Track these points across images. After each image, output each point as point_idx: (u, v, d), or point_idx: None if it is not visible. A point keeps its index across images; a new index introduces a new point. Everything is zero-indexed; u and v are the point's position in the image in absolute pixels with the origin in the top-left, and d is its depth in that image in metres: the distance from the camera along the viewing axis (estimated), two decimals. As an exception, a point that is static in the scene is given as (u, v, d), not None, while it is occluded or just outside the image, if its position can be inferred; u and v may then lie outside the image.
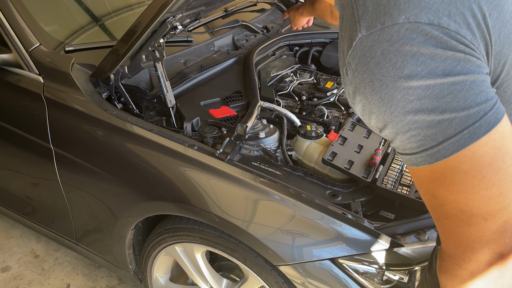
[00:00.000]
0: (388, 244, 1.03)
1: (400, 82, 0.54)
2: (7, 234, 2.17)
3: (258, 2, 2.45)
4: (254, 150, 1.29)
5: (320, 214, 1.08)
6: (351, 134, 1.39)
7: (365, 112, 0.60)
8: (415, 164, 0.59)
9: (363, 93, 0.58)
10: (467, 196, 0.55)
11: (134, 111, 1.41)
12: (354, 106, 0.63)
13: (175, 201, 1.23)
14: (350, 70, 0.59)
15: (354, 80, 0.59)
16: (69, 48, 1.53)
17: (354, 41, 0.57)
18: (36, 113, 1.43)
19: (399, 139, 0.58)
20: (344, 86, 0.63)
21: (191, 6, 1.39)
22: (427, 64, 0.53)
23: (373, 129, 0.63)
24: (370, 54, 0.56)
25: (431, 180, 0.59)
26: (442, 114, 0.54)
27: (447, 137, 0.54)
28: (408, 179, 1.22)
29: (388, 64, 0.54)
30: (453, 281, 0.62)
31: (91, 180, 1.40)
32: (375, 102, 0.57)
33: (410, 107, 0.55)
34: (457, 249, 0.60)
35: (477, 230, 0.57)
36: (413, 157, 0.58)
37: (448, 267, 0.63)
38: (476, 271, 0.58)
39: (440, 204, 0.59)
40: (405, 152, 0.60)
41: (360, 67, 0.57)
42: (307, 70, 1.92)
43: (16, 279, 1.93)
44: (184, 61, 1.73)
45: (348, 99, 0.64)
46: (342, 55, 0.62)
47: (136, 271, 1.61)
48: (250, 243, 1.15)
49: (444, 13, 0.53)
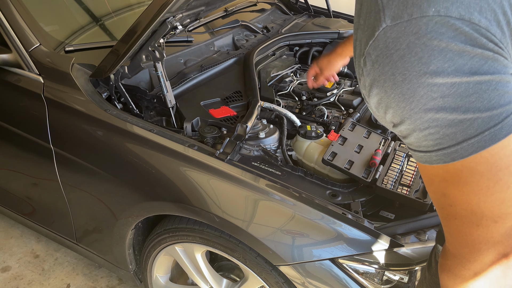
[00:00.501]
0: (388, 244, 1.03)
1: (424, 78, 0.52)
2: (7, 234, 2.17)
3: (258, 2, 2.45)
4: (254, 150, 1.29)
5: (320, 214, 1.08)
6: (351, 134, 1.39)
7: (381, 106, 0.58)
8: (428, 162, 0.57)
9: (382, 87, 0.56)
10: (480, 198, 0.55)
11: (134, 111, 1.41)
12: (369, 99, 0.60)
13: (175, 201, 1.23)
14: (369, 61, 0.56)
15: (373, 72, 0.56)
16: (69, 48, 1.53)
17: (377, 31, 0.54)
18: (36, 113, 1.43)
19: (414, 136, 0.57)
20: (359, 77, 0.60)
21: (191, 6, 1.39)
22: (454, 61, 0.51)
23: (385, 123, 0.61)
24: (394, 46, 0.53)
25: (443, 179, 0.57)
26: (464, 113, 0.52)
27: (467, 138, 0.53)
28: (408, 179, 1.22)
29: (414, 58, 0.52)
30: (455, 281, 0.62)
31: (91, 180, 1.40)
32: (394, 96, 0.55)
33: (432, 105, 0.53)
34: (462, 249, 0.59)
35: (485, 232, 0.56)
36: (427, 155, 0.57)
37: (451, 266, 0.62)
38: (480, 271, 0.58)
39: (450, 203, 0.58)
40: (419, 150, 0.58)
41: (382, 59, 0.54)
42: (307, 70, 1.92)
43: (16, 279, 1.93)
44: (184, 61, 1.73)
45: (362, 90, 0.61)
46: (359, 44, 0.59)
47: (136, 271, 1.61)
48: (250, 243, 1.15)
49: (476, 8, 0.51)
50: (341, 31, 2.09)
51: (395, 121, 0.58)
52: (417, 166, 0.64)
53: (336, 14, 2.51)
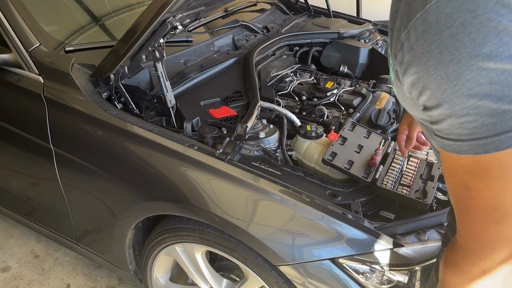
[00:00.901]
0: (388, 244, 1.04)
1: (475, 61, 0.48)
2: (7, 234, 2.17)
3: (258, 2, 2.45)
4: (254, 150, 1.29)
5: (320, 214, 1.08)
6: (351, 134, 1.39)
7: (417, 86, 0.54)
8: (455, 152, 0.54)
9: (424, 65, 0.51)
10: (506, 194, 0.52)
11: (134, 111, 1.41)
12: (404, 77, 0.56)
13: (175, 201, 1.23)
14: (414, 36, 0.52)
15: (416, 48, 0.52)
16: (69, 48, 1.53)
17: (429, 3, 0.50)
18: (36, 113, 1.43)
19: (448, 123, 0.53)
20: (396, 52, 0.56)
21: (191, 6, 1.39)
22: (510, 46, 0.47)
23: (415, 104, 0.57)
24: (446, 22, 0.49)
25: (469, 171, 0.54)
26: (510, 104, 0.49)
27: (507, 130, 0.49)
28: (408, 179, 1.22)
29: (467, 38, 0.48)
30: (460, 277, 0.60)
31: (91, 180, 1.40)
32: (437, 77, 0.51)
33: (477, 90, 0.49)
34: (475, 245, 0.57)
35: (503, 229, 0.54)
36: (457, 144, 0.53)
37: (459, 261, 0.61)
38: (488, 269, 0.57)
39: (471, 197, 0.55)
40: (448, 137, 0.54)
41: (429, 35, 0.50)
42: (307, 70, 1.92)
43: (16, 279, 1.93)
44: (184, 61, 1.73)
45: (394, 66, 0.57)
46: (401, 15, 0.55)
47: (136, 271, 1.61)
48: (250, 243, 1.15)
49: None
50: (341, 31, 2.09)
51: (430, 104, 0.54)
52: (439, 154, 0.60)
53: (336, 14, 2.52)
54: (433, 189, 1.17)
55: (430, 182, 1.19)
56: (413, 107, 0.59)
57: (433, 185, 1.18)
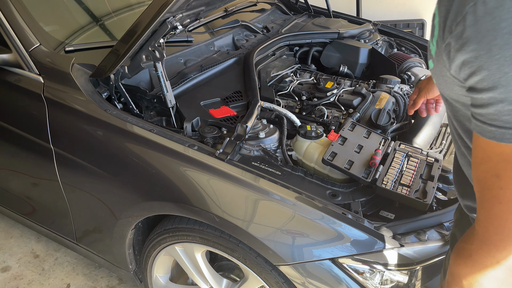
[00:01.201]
0: (388, 244, 1.04)
1: None
2: (7, 234, 2.17)
3: (258, 2, 2.45)
4: (254, 150, 1.29)
5: (320, 214, 1.08)
6: (351, 134, 1.39)
7: (471, 65, 0.50)
8: (496, 139, 0.52)
9: (486, 43, 0.48)
10: None
11: (134, 111, 1.41)
12: (457, 53, 0.52)
13: (175, 201, 1.23)
14: (482, 10, 0.47)
15: (482, 24, 0.48)
16: (69, 48, 1.53)
17: None
18: (36, 113, 1.43)
19: (498, 108, 0.50)
20: (453, 25, 0.52)
21: (191, 6, 1.39)
22: None
23: (455, 84, 0.54)
24: None
25: (505, 160, 0.53)
26: None
27: None
28: (408, 179, 1.21)
29: None
30: (473, 267, 0.59)
31: (91, 180, 1.40)
32: (499, 58, 0.47)
33: None
34: (495, 236, 0.57)
35: None
36: (500, 131, 0.51)
37: (474, 251, 0.60)
38: (503, 261, 0.56)
39: (501, 186, 0.54)
40: (492, 123, 0.52)
41: (500, 12, 0.46)
42: (307, 70, 1.92)
43: (16, 279, 1.93)
44: (184, 61, 1.73)
45: (445, 39, 0.53)
46: None
47: (136, 271, 1.61)
48: (250, 243, 1.15)
49: None
50: (341, 31, 2.10)
51: (481, 86, 0.51)
52: (473, 139, 0.58)
53: (336, 14, 2.52)
54: (433, 189, 1.17)
55: (430, 182, 1.19)
56: (450, 86, 0.56)
57: (433, 185, 1.18)
